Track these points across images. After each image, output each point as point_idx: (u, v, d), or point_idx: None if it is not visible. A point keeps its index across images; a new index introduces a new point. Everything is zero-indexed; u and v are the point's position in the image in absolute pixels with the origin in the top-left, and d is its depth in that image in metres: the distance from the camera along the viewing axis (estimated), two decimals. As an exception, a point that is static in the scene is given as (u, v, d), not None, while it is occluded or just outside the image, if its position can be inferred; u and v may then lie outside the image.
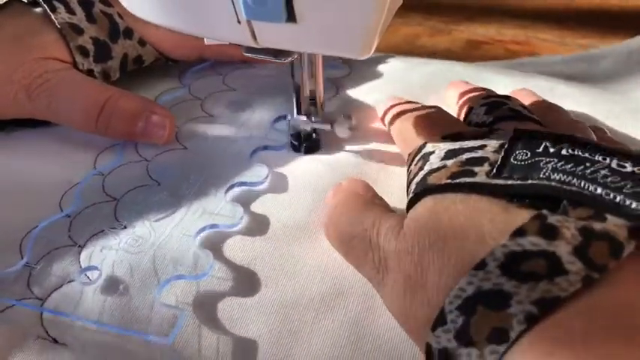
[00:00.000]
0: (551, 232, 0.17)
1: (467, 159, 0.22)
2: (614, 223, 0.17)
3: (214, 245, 0.26)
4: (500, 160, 0.21)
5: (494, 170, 0.21)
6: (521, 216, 0.18)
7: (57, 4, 0.33)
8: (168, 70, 0.40)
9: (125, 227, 0.27)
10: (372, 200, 0.25)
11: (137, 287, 0.24)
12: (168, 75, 0.40)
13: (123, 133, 0.32)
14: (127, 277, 0.25)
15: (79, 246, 0.26)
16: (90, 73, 0.34)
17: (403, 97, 0.34)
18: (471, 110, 0.29)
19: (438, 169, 0.22)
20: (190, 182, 0.30)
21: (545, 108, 0.31)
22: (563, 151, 0.21)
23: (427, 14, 0.53)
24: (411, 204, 0.22)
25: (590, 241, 0.17)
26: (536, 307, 0.16)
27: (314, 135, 0.32)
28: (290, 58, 0.26)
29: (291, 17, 0.21)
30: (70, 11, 0.33)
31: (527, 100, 0.31)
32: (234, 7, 0.22)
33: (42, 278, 0.25)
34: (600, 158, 0.20)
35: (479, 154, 0.22)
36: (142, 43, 0.37)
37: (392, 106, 0.32)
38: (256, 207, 0.28)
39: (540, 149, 0.21)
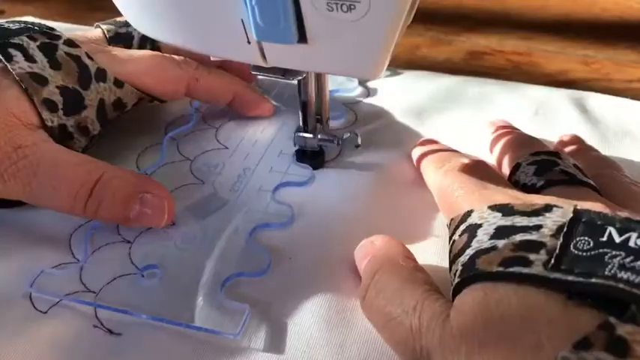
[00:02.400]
0: (620, 348, 0.16)
1: (520, 241, 0.20)
2: None
3: (268, 242, 0.28)
4: (559, 249, 0.19)
5: (553, 260, 0.19)
6: (584, 320, 0.17)
7: (13, 52, 0.29)
8: (153, 121, 0.38)
9: (174, 224, 0.29)
10: (414, 274, 0.23)
11: (193, 283, 0.26)
12: (153, 128, 0.37)
13: (115, 218, 0.28)
14: (181, 274, 0.26)
15: (129, 242, 0.28)
16: (62, 129, 0.30)
17: (439, 141, 0.33)
18: (518, 167, 0.28)
19: (488, 250, 0.21)
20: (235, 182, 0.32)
21: (598, 165, 0.29)
22: (631, 243, 0.19)
23: (427, 24, 0.54)
24: (458, 288, 0.21)
25: None
26: None
27: (319, 148, 0.32)
28: (299, 77, 0.25)
29: (302, 39, 0.21)
30: (30, 59, 0.29)
31: (577, 154, 0.30)
32: (245, 27, 0.22)
33: (94, 273, 0.27)
34: None
35: (534, 236, 0.20)
36: (118, 84, 0.32)
37: (427, 149, 0.31)
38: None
39: (605, 237, 0.19)
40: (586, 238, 0.19)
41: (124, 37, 0.35)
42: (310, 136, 0.31)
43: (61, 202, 0.28)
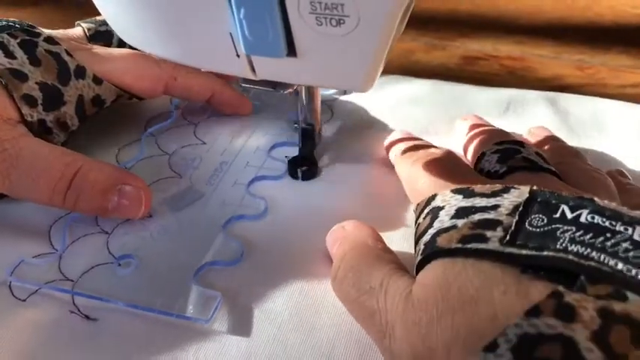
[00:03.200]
0: (568, 313, 0.17)
1: (479, 220, 0.21)
2: (636, 304, 0.16)
3: (241, 233, 0.29)
4: (514, 225, 0.20)
5: (508, 237, 0.20)
6: (536, 290, 0.18)
7: None
8: (134, 118, 0.38)
9: (151, 216, 0.30)
10: (381, 254, 0.24)
11: (167, 272, 0.27)
12: (133, 124, 0.38)
13: (93, 209, 0.29)
14: (157, 263, 0.27)
15: (107, 233, 0.29)
16: (41, 124, 0.30)
17: (411, 132, 0.34)
18: (483, 156, 0.29)
19: (448, 229, 0.22)
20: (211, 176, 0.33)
21: (562, 153, 0.30)
22: (582, 219, 0.20)
23: (421, 29, 0.53)
24: (420, 265, 0.22)
25: (611, 324, 0.16)
26: None
27: (311, 160, 0.32)
28: (289, 90, 0.25)
29: (291, 52, 0.21)
30: (9, 55, 0.30)
31: (543, 143, 0.32)
32: (233, 41, 0.21)
33: (72, 263, 0.27)
34: (622, 228, 0.19)
35: (492, 215, 0.21)
36: (97, 81, 0.33)
37: (398, 140, 0.32)
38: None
39: (557, 214, 0.20)
40: (540, 216, 0.20)
41: (104, 36, 0.36)
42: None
43: (41, 194, 0.28)
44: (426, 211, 0.24)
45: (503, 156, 0.27)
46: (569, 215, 0.20)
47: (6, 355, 0.23)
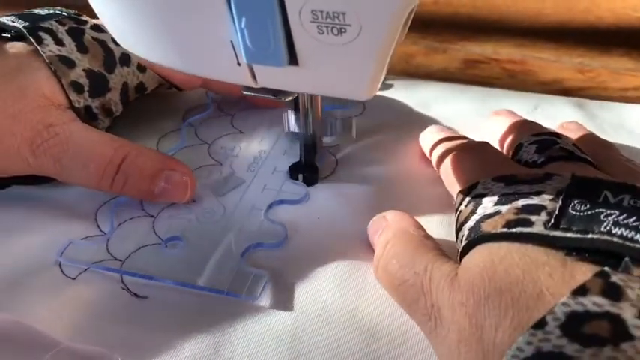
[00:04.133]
0: (614, 292, 0.17)
1: (523, 206, 0.21)
2: None
3: (283, 217, 0.30)
4: (558, 210, 0.20)
5: (552, 220, 0.20)
6: (581, 271, 0.18)
7: (44, 36, 0.30)
8: (172, 108, 0.39)
9: (194, 201, 0.31)
10: (424, 241, 0.24)
11: (214, 253, 0.27)
12: (172, 113, 0.39)
13: (140, 194, 0.30)
14: (203, 244, 0.28)
15: (152, 216, 0.30)
16: (88, 110, 0.31)
17: (447, 129, 0.33)
18: (520, 147, 0.29)
19: (492, 215, 0.22)
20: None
21: (596, 145, 0.30)
22: (625, 203, 0.20)
23: (422, 33, 0.53)
24: (465, 251, 0.22)
25: None
26: None
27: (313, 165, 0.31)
28: (290, 97, 0.25)
29: (293, 61, 0.21)
30: (59, 42, 0.30)
31: (576, 136, 0.31)
32: (234, 50, 0.21)
33: (120, 244, 0.28)
34: None
35: (535, 201, 0.21)
36: (141, 68, 0.34)
37: (439, 142, 0.31)
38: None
39: (600, 199, 0.20)
40: (583, 201, 0.20)
41: None
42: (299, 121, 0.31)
43: (90, 178, 0.29)
44: (467, 199, 0.24)
45: (540, 147, 0.27)
46: (611, 200, 0.20)
47: (58, 329, 0.24)
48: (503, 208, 0.21)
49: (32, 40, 0.29)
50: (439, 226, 0.29)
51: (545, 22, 0.55)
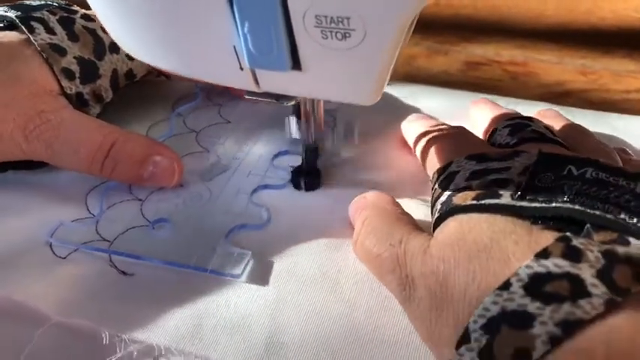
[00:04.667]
0: (575, 255, 0.18)
1: (492, 180, 0.22)
2: (638, 247, 0.18)
3: (267, 200, 0.31)
4: (525, 183, 0.21)
5: (519, 192, 0.21)
6: (545, 238, 0.19)
7: (35, 25, 0.31)
8: (162, 96, 0.40)
9: (182, 186, 0.32)
10: (400, 216, 0.25)
11: (199, 234, 0.28)
12: (161, 102, 0.40)
13: (129, 178, 0.30)
14: (189, 226, 0.29)
15: (141, 200, 0.31)
16: (79, 96, 0.32)
17: (427, 117, 0.34)
18: (495, 131, 0.30)
19: (463, 189, 0.23)
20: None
21: (570, 129, 0.31)
22: (587, 175, 0.21)
23: (423, 34, 0.53)
24: (437, 224, 0.23)
25: (614, 264, 0.17)
26: (560, 329, 0.16)
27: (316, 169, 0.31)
28: (293, 102, 0.25)
29: (296, 66, 0.21)
30: (50, 31, 0.31)
31: (552, 122, 0.32)
32: (237, 54, 0.21)
33: (108, 226, 0.29)
34: (624, 183, 0.20)
35: (504, 175, 0.22)
36: (130, 56, 0.33)
37: (420, 132, 0.32)
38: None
39: (565, 172, 0.21)
40: (548, 174, 0.21)
41: None
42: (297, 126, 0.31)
43: (80, 163, 0.30)
44: (441, 177, 0.25)
45: (513, 129, 0.28)
46: (575, 172, 0.21)
47: (50, 306, 0.25)
48: (474, 183, 0.23)
49: (24, 28, 0.30)
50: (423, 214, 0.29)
51: (546, 24, 0.55)
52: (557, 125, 0.31)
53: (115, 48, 0.33)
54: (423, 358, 0.22)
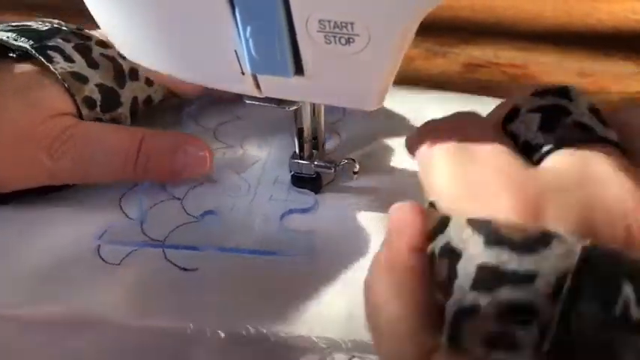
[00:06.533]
0: None
1: (507, 303, 0.15)
2: None
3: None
4: (556, 327, 0.14)
5: (547, 346, 0.15)
6: None
7: (52, 54, 0.30)
8: (167, 102, 0.39)
9: (216, 181, 0.32)
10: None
11: (250, 221, 0.29)
12: (168, 107, 0.39)
13: (164, 174, 0.30)
14: (237, 215, 0.30)
15: (179, 199, 0.31)
16: (98, 121, 0.31)
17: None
18: (517, 113, 0.20)
19: (471, 311, 0.16)
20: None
21: (619, 109, 0.22)
22: None
23: (422, 36, 0.53)
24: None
25: None
26: None
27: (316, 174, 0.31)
28: (294, 107, 0.25)
29: (299, 71, 0.20)
30: (68, 59, 0.30)
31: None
32: (238, 59, 0.21)
33: (154, 227, 0.29)
34: None
35: (523, 293, 0.15)
36: (149, 82, 0.34)
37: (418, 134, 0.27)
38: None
39: (617, 311, 0.14)
40: (593, 310, 0.14)
41: None
42: (306, 162, 0.30)
43: (113, 167, 0.29)
44: (440, 244, 0.17)
45: (546, 119, 0.19)
46: (631, 298, 0.14)
47: (122, 311, 0.25)
48: (484, 301, 0.15)
49: (42, 59, 0.29)
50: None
51: (544, 26, 0.54)
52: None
53: (134, 75, 0.33)
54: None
